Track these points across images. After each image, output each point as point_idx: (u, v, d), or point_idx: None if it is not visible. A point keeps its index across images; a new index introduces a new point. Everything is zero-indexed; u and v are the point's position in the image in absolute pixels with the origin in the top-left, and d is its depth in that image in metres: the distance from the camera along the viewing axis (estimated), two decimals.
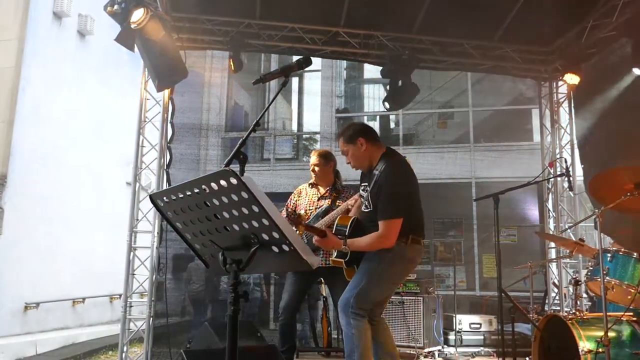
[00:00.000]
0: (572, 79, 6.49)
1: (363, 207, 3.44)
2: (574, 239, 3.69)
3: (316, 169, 4.46)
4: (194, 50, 6.72)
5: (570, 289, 3.52)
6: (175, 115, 6.55)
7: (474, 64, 7.07)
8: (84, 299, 9.35)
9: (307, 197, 4.52)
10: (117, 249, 10.19)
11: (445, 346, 5.87)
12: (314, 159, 4.50)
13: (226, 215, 1.61)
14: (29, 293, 8.27)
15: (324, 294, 6.14)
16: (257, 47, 6.65)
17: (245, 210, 1.54)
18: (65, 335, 8.71)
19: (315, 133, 12.37)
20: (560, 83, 7.24)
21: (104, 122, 10.47)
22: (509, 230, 10.80)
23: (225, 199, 1.56)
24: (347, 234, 3.32)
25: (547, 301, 6.96)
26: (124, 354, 5.83)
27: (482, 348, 5.97)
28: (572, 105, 7.00)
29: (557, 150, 7.06)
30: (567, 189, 7.19)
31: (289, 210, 4.60)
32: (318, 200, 4.46)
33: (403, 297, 5.65)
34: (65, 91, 9.46)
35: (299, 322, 6.37)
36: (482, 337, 6.04)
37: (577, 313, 3.25)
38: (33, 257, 8.35)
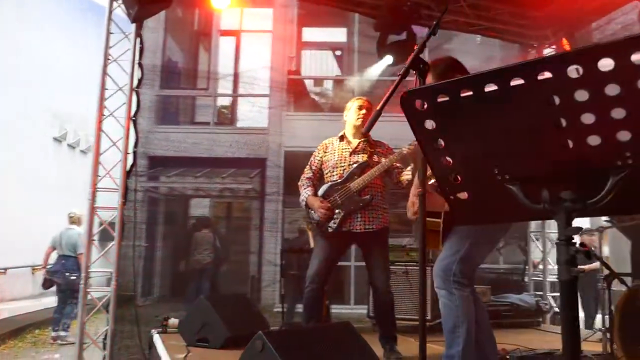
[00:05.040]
0: (566, 44, 6.35)
1: None
2: None
3: (365, 111, 3.86)
4: None
5: None
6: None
7: (467, 23, 6.72)
8: (5, 269, 8.00)
9: (337, 153, 3.91)
10: (38, 214, 8.90)
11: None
12: (363, 102, 3.88)
13: (587, 119, 1.00)
14: None
15: None
16: None
17: None
18: None
19: (264, 95, 11.54)
20: (546, 51, 7.11)
21: (20, 66, 8.94)
22: None
23: (611, 89, 0.95)
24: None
25: (526, 272, 6.91)
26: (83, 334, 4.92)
27: None
28: None
29: None
30: None
31: (314, 168, 3.98)
32: (350, 155, 3.87)
33: (407, 267, 5.23)
34: None
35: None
36: None
37: None
38: None
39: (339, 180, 3.80)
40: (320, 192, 3.83)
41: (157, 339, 4.69)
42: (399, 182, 3.80)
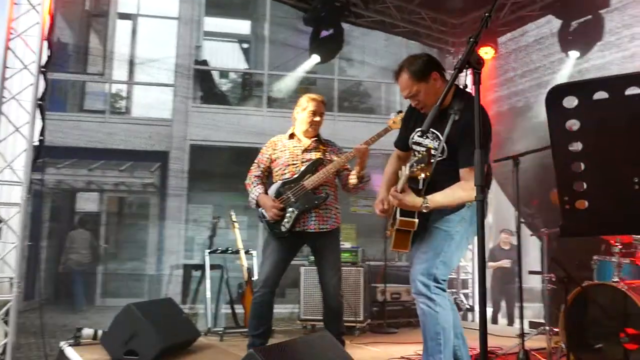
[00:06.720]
0: (487, 52, 6.63)
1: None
2: None
3: (318, 118, 3.69)
4: None
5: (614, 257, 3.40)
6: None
7: (392, 24, 6.80)
8: None
9: (287, 150, 3.70)
10: None
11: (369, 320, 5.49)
12: (316, 105, 3.69)
13: None
14: None
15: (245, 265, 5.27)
16: None
17: None
18: None
19: (168, 85, 10.89)
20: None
21: None
22: (366, 201, 10.96)
23: None
24: (422, 189, 2.60)
25: None
26: None
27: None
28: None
29: None
30: None
31: (262, 166, 3.73)
32: (302, 153, 3.68)
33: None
34: None
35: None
36: (402, 308, 5.86)
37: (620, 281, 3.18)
38: None
39: (292, 178, 3.60)
40: (272, 190, 3.60)
41: (70, 352, 4.17)
42: (346, 184, 3.68)
